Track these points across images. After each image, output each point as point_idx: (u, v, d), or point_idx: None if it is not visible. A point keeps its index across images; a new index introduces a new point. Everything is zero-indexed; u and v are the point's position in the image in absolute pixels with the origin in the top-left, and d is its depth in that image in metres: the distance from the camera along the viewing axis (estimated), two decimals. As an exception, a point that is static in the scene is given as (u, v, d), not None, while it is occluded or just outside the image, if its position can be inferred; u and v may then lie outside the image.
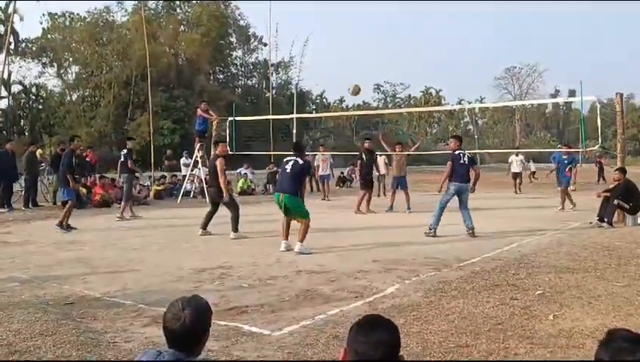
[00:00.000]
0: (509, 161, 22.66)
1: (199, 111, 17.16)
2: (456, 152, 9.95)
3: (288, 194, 8.05)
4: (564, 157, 14.86)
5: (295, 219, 8.35)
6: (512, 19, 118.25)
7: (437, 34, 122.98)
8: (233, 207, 10.08)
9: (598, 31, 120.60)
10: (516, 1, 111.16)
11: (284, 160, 8.61)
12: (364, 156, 14.57)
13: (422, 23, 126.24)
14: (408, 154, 16.45)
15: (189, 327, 2.08)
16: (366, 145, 15.24)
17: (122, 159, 13.39)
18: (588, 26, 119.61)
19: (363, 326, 1.84)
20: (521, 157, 22.02)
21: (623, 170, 10.97)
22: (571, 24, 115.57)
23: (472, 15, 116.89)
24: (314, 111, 56.86)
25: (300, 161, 8.20)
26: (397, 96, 78.90)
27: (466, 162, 9.88)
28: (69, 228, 10.84)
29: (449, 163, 9.93)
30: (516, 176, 21.31)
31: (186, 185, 18.40)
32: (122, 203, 13.24)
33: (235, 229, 9.90)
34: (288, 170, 8.15)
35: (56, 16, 48.23)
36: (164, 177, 20.59)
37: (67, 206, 11.10)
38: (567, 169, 14.38)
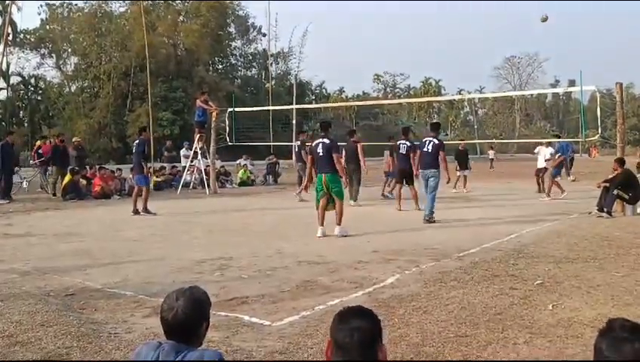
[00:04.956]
0: (536, 151, 16.77)
1: (199, 103, 17.12)
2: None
3: (329, 174, 8.80)
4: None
5: (330, 199, 8.85)
6: (512, 8, 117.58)
7: (436, 24, 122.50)
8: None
9: (598, 20, 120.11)
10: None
11: (314, 144, 9.15)
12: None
13: (421, 13, 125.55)
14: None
15: (182, 318, 2.09)
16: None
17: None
18: (588, 15, 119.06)
19: (343, 316, 1.87)
20: (551, 149, 15.73)
21: (621, 161, 10.94)
22: (571, 13, 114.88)
23: (472, 4, 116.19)
24: (313, 102, 56.79)
25: (327, 141, 8.90)
26: (397, 86, 78.74)
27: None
28: (147, 212, 11.70)
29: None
30: (540, 172, 15.97)
31: (186, 177, 18.40)
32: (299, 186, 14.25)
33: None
34: (321, 153, 8.86)
35: (55, 7, 48.05)
36: (163, 168, 20.58)
37: (142, 192, 11.84)
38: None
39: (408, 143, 12.60)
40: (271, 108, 31.55)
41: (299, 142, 15.11)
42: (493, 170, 31.32)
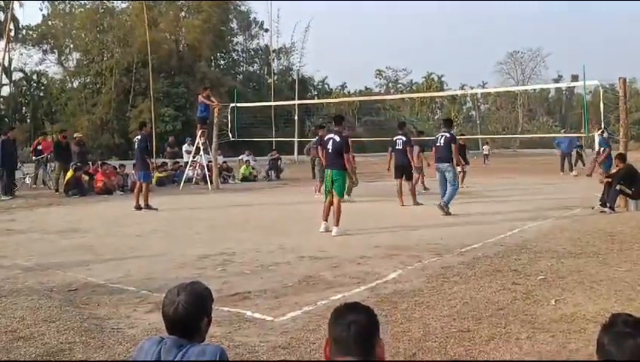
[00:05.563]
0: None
1: (201, 98, 17.10)
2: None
3: (336, 170, 8.75)
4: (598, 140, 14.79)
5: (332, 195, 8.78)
6: (513, 8, 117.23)
7: (438, 19, 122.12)
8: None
9: (601, 15, 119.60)
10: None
11: (325, 139, 9.10)
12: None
13: (423, 9, 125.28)
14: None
15: (182, 313, 2.09)
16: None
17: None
18: (590, 10, 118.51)
19: (339, 311, 1.89)
20: (606, 134, 14.62)
21: (622, 157, 10.90)
22: (574, 10, 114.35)
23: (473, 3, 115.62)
24: (316, 98, 56.68)
25: (338, 138, 8.77)
26: (399, 81, 78.47)
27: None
28: (149, 208, 11.77)
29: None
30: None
31: (188, 172, 18.39)
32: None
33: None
34: (331, 149, 8.79)
35: (57, 3, 48.04)
36: (165, 164, 20.56)
37: (144, 187, 11.90)
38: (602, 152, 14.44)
39: (404, 138, 12.57)
40: (273, 103, 31.49)
41: (317, 138, 14.86)
42: (488, 164, 31.26)
